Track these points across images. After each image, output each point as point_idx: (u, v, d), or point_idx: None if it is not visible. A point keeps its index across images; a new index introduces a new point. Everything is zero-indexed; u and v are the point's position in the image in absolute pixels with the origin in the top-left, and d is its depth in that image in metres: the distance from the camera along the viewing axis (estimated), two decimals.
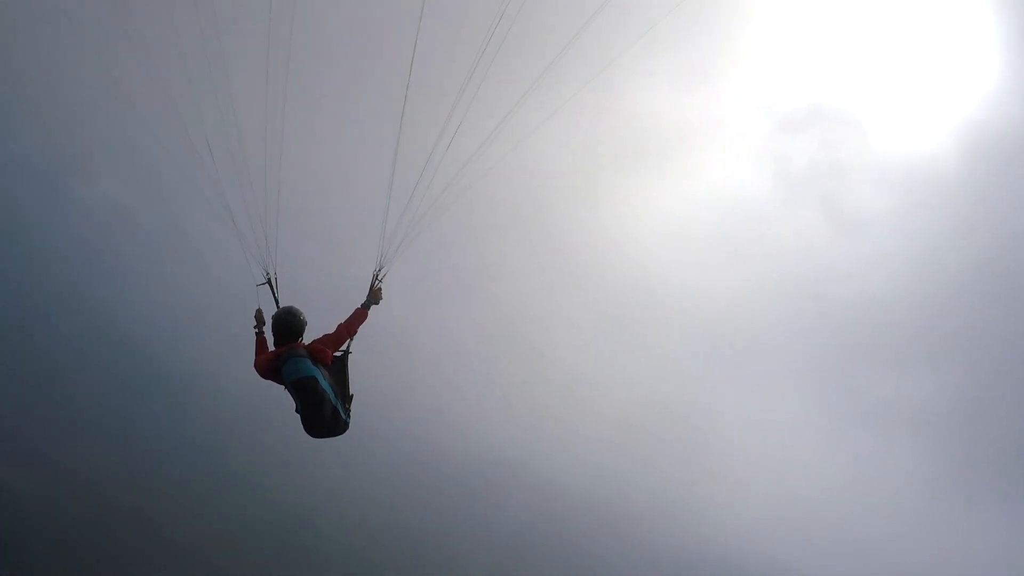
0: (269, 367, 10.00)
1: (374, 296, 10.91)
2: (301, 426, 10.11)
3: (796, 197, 45.33)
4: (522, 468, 44.22)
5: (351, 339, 10.65)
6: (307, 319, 10.33)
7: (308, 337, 10.36)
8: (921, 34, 42.91)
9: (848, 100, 45.54)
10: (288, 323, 10.13)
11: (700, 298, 44.87)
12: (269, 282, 10.96)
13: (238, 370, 10.43)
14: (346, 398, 10.35)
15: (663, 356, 45.16)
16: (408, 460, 44.22)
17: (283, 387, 10.08)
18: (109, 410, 39.53)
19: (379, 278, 11.06)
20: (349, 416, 10.33)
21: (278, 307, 10.69)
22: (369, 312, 10.85)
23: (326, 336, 10.35)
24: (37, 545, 36.54)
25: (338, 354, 10.56)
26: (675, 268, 45.05)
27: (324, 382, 9.90)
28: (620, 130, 42.06)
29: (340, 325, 10.49)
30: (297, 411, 10.01)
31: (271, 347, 10.45)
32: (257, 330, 10.71)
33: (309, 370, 9.71)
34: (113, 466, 38.76)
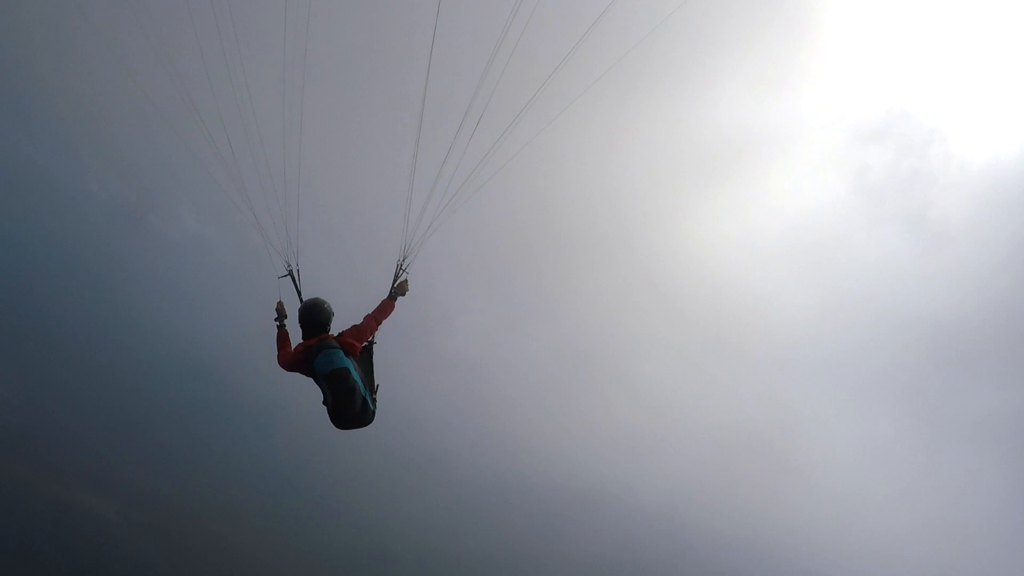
0: (298, 359, 9.87)
1: (400, 288, 10.78)
2: (329, 420, 9.87)
3: (877, 207, 44.00)
4: (607, 493, 43.47)
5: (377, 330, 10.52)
6: (333, 310, 10.24)
7: (333, 328, 10.24)
8: (1002, 37, 41.50)
9: (926, 106, 44.22)
10: (316, 314, 10.02)
11: (783, 313, 43.76)
12: (291, 274, 10.85)
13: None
14: (373, 388, 10.22)
15: (748, 375, 44.03)
16: (491, 486, 43.91)
17: (310, 379, 9.95)
18: (193, 438, 40.37)
19: (404, 269, 10.89)
20: (376, 406, 10.14)
21: (300, 299, 10.59)
22: (396, 303, 10.70)
23: (354, 328, 10.23)
24: (124, 572, 37.25)
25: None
26: (757, 282, 44.07)
27: (355, 373, 9.77)
28: (697, 142, 41.56)
29: (367, 316, 10.40)
30: (325, 403, 9.84)
31: (293, 340, 10.34)
32: (279, 323, 10.61)
33: (342, 361, 9.57)
34: (198, 493, 39.43)
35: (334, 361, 9.52)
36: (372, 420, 10.09)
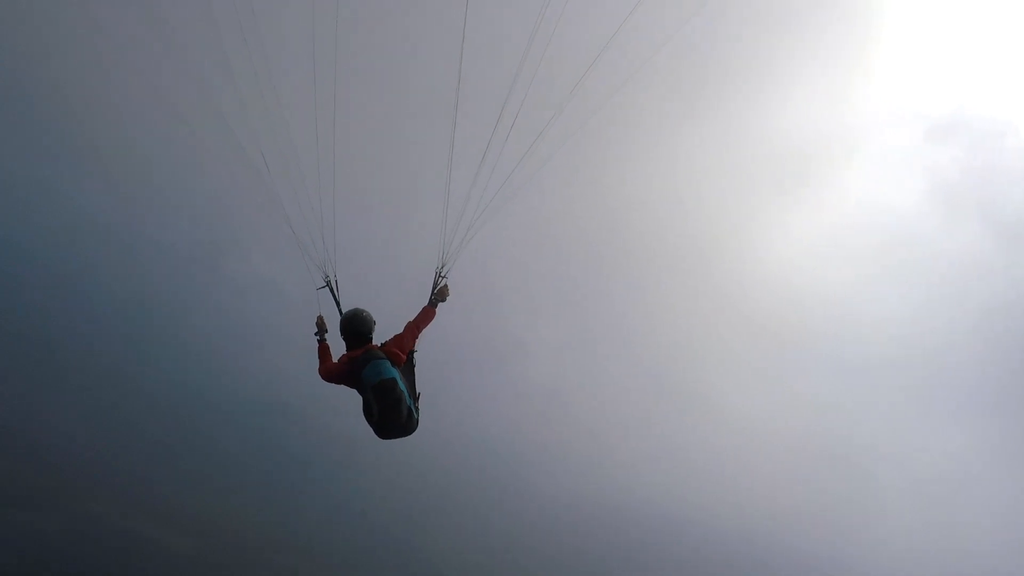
0: (342, 371, 9.89)
1: (441, 294, 10.73)
2: (373, 430, 9.89)
3: (952, 208, 42.42)
4: (687, 518, 42.44)
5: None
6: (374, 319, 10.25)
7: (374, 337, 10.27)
8: None
9: (996, 101, 42.58)
10: (359, 325, 10.09)
11: (862, 318, 42.38)
12: (329, 285, 10.83)
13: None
14: (416, 397, 10.15)
15: (828, 384, 42.62)
16: (568, 516, 43.28)
17: (354, 390, 9.93)
18: (265, 475, 40.79)
19: (443, 276, 10.84)
20: (419, 414, 10.10)
21: (340, 310, 10.61)
22: (437, 310, 10.66)
23: (397, 337, 10.23)
24: None
25: None
26: (833, 288, 42.81)
27: (401, 383, 9.75)
28: (765, 149, 40.74)
29: (409, 325, 10.37)
30: (367, 414, 9.80)
31: (334, 352, 10.41)
32: (319, 337, 10.63)
33: (389, 372, 9.56)
34: (268, 528, 39.78)
35: (382, 372, 9.50)
36: (416, 429, 10.06)
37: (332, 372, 10.05)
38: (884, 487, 40.95)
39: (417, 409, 10.03)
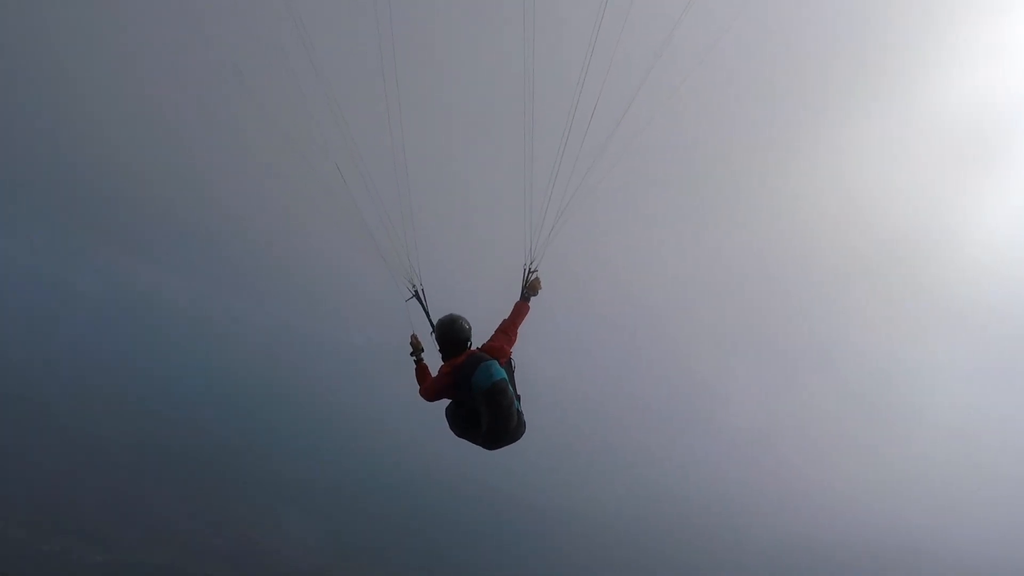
0: (446, 383, 9.55)
1: (532, 288, 10.36)
2: (481, 442, 9.55)
3: None
4: (917, 549, 39.01)
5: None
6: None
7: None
8: None
9: None
10: (458, 332, 9.74)
11: None
12: (417, 295, 10.50)
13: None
14: (519, 398, 9.66)
15: None
16: (786, 556, 40.91)
17: (456, 402, 9.62)
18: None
19: (532, 271, 10.45)
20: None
21: (430, 319, 10.30)
22: (531, 304, 10.35)
23: (496, 337, 9.91)
24: None
25: None
26: None
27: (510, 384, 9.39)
28: (947, 127, 37.55)
29: (505, 323, 10.05)
30: (464, 425, 9.55)
31: (431, 366, 10.14)
32: (416, 358, 10.32)
33: (500, 372, 9.16)
34: None
35: (493, 374, 9.13)
36: (524, 432, 9.65)
37: (436, 388, 9.69)
38: None
39: (521, 412, 9.56)
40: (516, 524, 42.68)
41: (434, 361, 10.06)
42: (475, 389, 9.13)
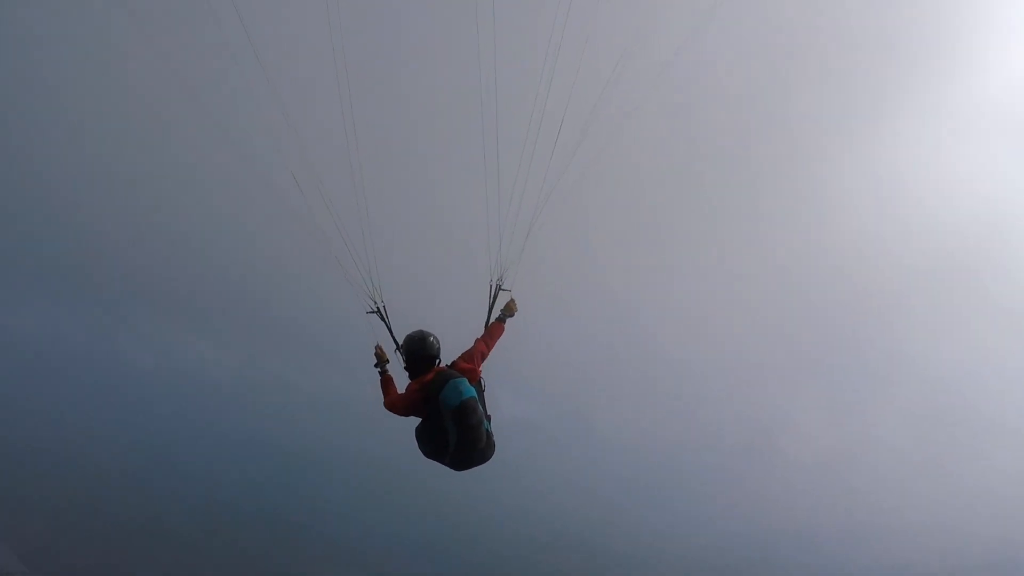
0: (414, 399, 9.22)
1: (508, 309, 10.12)
2: (449, 462, 9.26)
3: None
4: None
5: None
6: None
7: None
8: None
9: None
10: (426, 348, 9.41)
11: None
12: (379, 310, 10.09)
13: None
14: (488, 418, 9.36)
15: None
16: None
17: (425, 421, 9.26)
18: None
19: (500, 287, 10.17)
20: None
21: (393, 336, 9.98)
22: (506, 325, 10.07)
23: (468, 353, 9.63)
24: None
25: None
26: None
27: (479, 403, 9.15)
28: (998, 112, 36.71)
29: (478, 340, 9.78)
30: (435, 445, 9.19)
31: (397, 382, 9.78)
32: (380, 369, 9.91)
33: (469, 391, 8.89)
34: None
35: (463, 391, 8.85)
36: (493, 454, 9.37)
37: (401, 403, 9.37)
38: None
39: (491, 432, 9.28)
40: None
41: (398, 373, 9.75)
42: (444, 407, 8.86)
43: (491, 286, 10.09)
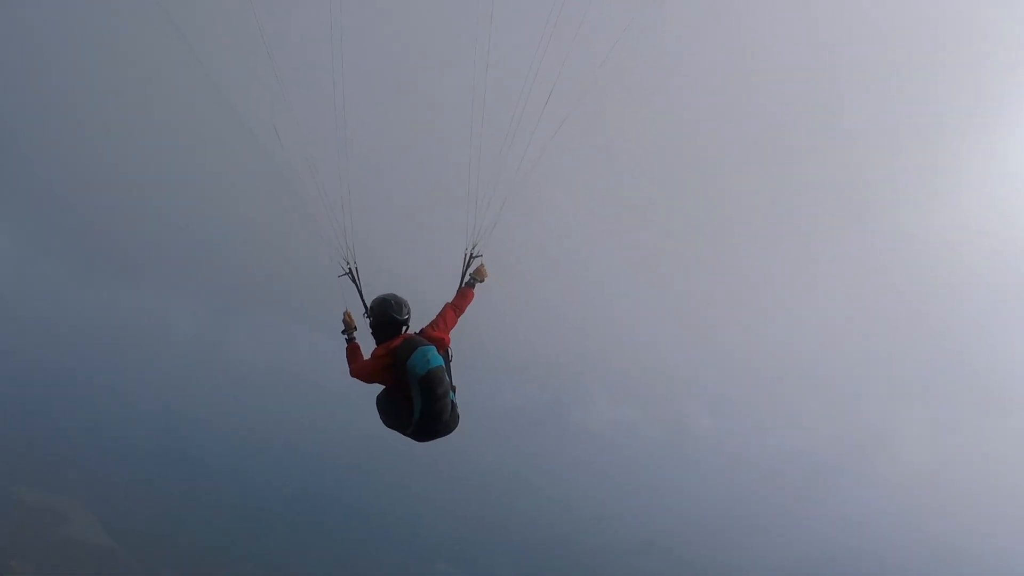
0: (381, 366, 8.96)
1: (479, 273, 9.87)
2: (411, 433, 8.99)
3: None
4: None
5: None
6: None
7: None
8: None
9: None
10: (395, 311, 9.19)
11: None
12: (350, 272, 9.90)
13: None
14: (454, 389, 9.13)
15: None
16: None
17: (388, 389, 9.07)
18: None
19: (474, 255, 9.95)
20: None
21: (363, 300, 9.74)
22: (475, 291, 9.85)
23: (437, 320, 9.41)
24: None
25: None
26: None
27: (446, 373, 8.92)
28: None
29: (448, 306, 9.56)
30: (397, 415, 8.94)
31: (365, 347, 9.52)
32: (348, 336, 9.69)
33: (437, 359, 8.71)
34: None
35: (430, 360, 8.66)
36: (457, 425, 9.09)
37: (367, 369, 9.11)
38: None
39: (456, 403, 9.05)
40: None
41: (366, 342, 9.49)
42: (410, 374, 8.66)
43: (465, 253, 9.88)
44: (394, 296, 9.31)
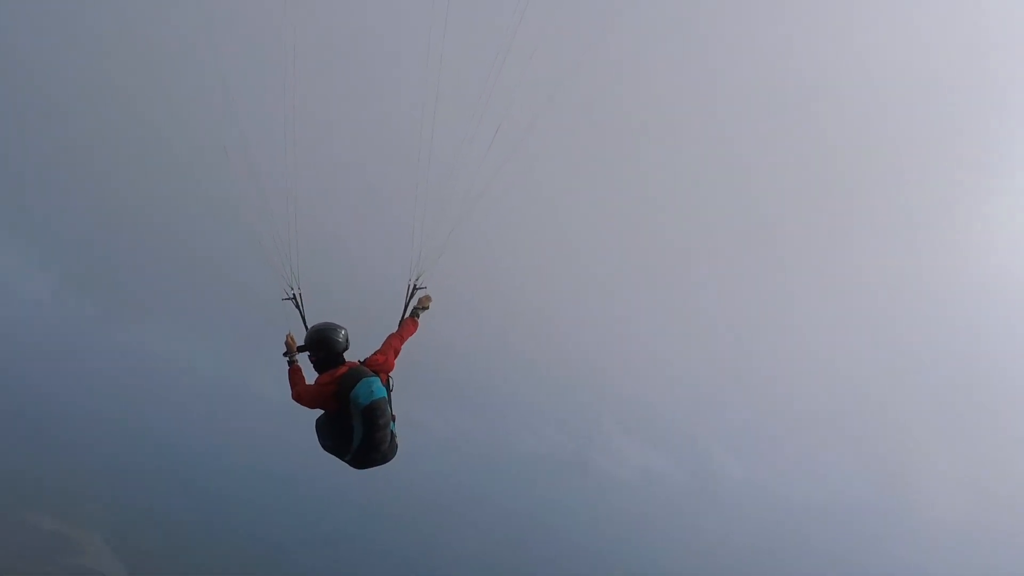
0: (326, 393, 8.94)
1: (422, 303, 9.90)
2: (349, 460, 9.05)
3: None
4: None
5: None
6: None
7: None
8: None
9: None
10: (337, 340, 9.18)
11: None
12: (294, 298, 9.90)
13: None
14: (394, 418, 9.17)
15: None
16: None
17: (328, 415, 9.06)
18: None
19: (416, 287, 9.97)
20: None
21: (305, 325, 9.72)
22: (420, 321, 9.89)
23: (381, 352, 9.41)
24: None
25: None
26: None
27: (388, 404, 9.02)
28: None
29: (391, 337, 9.58)
30: (338, 441, 8.95)
31: (307, 373, 9.42)
32: (290, 359, 9.53)
33: (381, 391, 8.81)
34: None
35: (374, 391, 8.75)
36: (395, 454, 9.16)
37: (311, 394, 9.08)
38: None
39: (395, 433, 9.10)
40: None
41: (308, 363, 9.44)
42: (353, 404, 8.70)
43: (409, 285, 9.91)
44: (327, 326, 9.29)
